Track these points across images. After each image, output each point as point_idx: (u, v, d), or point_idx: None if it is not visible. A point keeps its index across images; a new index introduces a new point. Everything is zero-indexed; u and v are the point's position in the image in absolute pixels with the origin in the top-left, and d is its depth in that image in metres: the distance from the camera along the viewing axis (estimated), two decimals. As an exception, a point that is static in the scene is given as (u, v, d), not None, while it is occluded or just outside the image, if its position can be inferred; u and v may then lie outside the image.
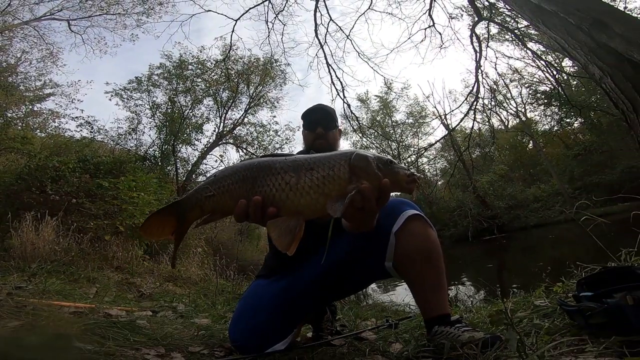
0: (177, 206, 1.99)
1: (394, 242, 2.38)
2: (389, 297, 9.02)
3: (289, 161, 1.88)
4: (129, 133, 23.54)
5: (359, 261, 2.52)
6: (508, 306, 2.93)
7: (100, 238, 9.59)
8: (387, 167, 1.87)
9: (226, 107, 27.07)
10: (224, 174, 1.96)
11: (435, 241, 2.42)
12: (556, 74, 32.30)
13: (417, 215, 2.43)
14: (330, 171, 1.82)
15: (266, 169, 1.87)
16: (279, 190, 1.82)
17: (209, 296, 7.22)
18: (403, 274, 2.43)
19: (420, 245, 2.36)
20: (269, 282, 2.77)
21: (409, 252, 2.36)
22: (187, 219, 1.98)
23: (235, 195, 1.88)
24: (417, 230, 2.39)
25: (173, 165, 23.42)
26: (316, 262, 2.54)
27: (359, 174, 1.82)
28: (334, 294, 2.82)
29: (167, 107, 24.41)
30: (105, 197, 10.67)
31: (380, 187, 1.82)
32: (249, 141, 27.44)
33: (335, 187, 1.79)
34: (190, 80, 25.56)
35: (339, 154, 1.88)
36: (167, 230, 1.99)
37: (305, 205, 1.80)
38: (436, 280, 2.35)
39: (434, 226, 2.50)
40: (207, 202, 1.94)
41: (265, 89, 28.45)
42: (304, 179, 1.81)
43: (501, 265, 17.13)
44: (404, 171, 1.89)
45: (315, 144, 3.12)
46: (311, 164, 1.85)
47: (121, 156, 15.25)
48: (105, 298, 5.35)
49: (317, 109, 3.23)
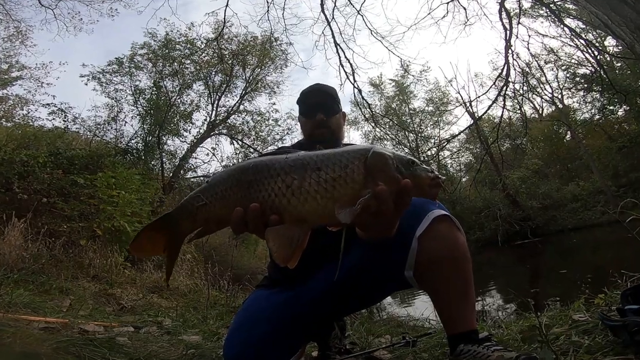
0: (167, 219, 1.97)
1: (416, 248, 2.32)
2: (406, 311, 9.02)
3: (291, 160, 1.82)
4: (108, 122, 23.38)
5: (375, 271, 2.47)
6: (543, 321, 2.92)
7: (75, 243, 9.61)
8: (408, 169, 1.81)
9: (219, 93, 27.12)
10: (217, 179, 1.94)
11: (464, 246, 2.39)
12: (598, 55, 32.00)
13: (444, 217, 2.38)
14: (342, 172, 1.74)
15: (264, 171, 1.82)
16: (279, 195, 1.76)
17: (200, 310, 7.23)
18: (425, 284, 2.41)
19: (447, 251, 2.32)
20: (271, 292, 2.75)
21: (433, 258, 2.31)
22: (179, 233, 1.96)
23: (230, 203, 1.84)
24: (443, 234, 2.35)
25: (158, 159, 23.25)
26: (324, 272, 2.52)
27: (376, 176, 1.75)
28: (343, 309, 2.80)
29: (152, 93, 24.20)
30: (80, 195, 10.71)
31: (399, 189, 1.75)
32: (245, 132, 27.48)
33: (348, 191, 1.73)
34: (178, 62, 25.46)
35: (352, 151, 1.82)
36: (158, 246, 1.98)
37: (311, 212, 1.74)
38: (463, 291, 2.32)
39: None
40: (200, 213, 1.90)
41: (263, 72, 28.49)
42: (309, 180, 1.74)
43: (535, 274, 17.07)
44: (426, 173, 1.83)
45: (315, 134, 3.03)
46: (318, 163, 1.78)
47: (99, 149, 15.33)
48: (81, 312, 5.37)
49: (315, 91, 3.15)
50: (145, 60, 25.00)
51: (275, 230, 1.74)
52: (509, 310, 8.78)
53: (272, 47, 27.28)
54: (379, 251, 2.36)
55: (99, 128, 23.22)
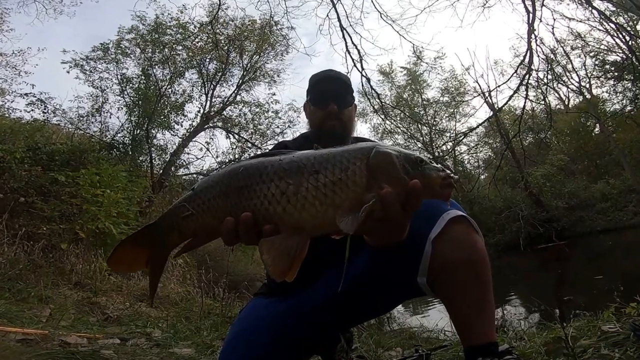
0: (150, 231, 1.95)
1: (430, 252, 2.28)
2: (418, 321, 9.01)
3: (286, 163, 1.78)
4: (92, 114, 23.39)
5: (384, 277, 2.45)
6: (569, 332, 2.92)
7: (55, 247, 9.61)
8: (415, 168, 1.75)
9: (214, 82, 27.16)
10: (203, 185, 1.91)
11: (483, 250, 2.34)
12: (629, 40, 31.91)
13: (461, 218, 2.34)
14: (342, 175, 1.70)
15: (255, 175, 1.78)
16: (273, 203, 1.72)
17: (192, 320, 7.24)
18: (440, 292, 2.36)
19: (463, 256, 2.27)
20: (271, 301, 2.74)
21: (448, 263, 2.27)
22: (163, 246, 1.94)
23: (219, 212, 1.81)
24: (460, 237, 2.31)
25: (147, 154, 23.19)
26: (327, 279, 2.52)
27: (380, 177, 1.71)
28: (350, 319, 2.79)
29: (140, 82, 24.22)
30: (61, 194, 10.71)
31: (407, 191, 1.71)
32: (243, 124, 27.52)
33: (350, 196, 1.68)
34: (169, 48, 25.45)
35: (352, 151, 1.77)
36: (140, 261, 1.96)
37: (309, 220, 1.70)
38: (481, 300, 2.28)
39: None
40: (186, 224, 1.88)
41: (262, 59, 28.56)
42: (306, 185, 1.70)
43: (560, 281, 17.08)
44: (437, 173, 1.76)
45: (325, 126, 2.99)
46: (316, 165, 1.73)
47: (82, 143, 15.32)
48: (62, 322, 5.38)
49: (329, 78, 3.12)
50: (133, 46, 24.98)
51: (269, 241, 1.71)
52: (531, 320, 8.77)
53: (272, 32, 27.29)
54: (388, 256, 2.33)
55: (82, 120, 23.26)
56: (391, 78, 47.41)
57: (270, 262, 1.68)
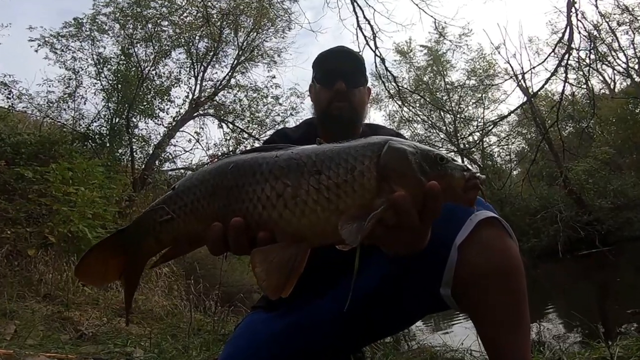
0: (122, 237, 1.92)
1: (456, 259, 2.22)
2: (441, 339, 8.97)
3: (283, 160, 1.74)
4: (64, 100, 23.47)
5: (401, 289, 2.41)
6: (615, 352, 2.91)
7: (21, 253, 9.63)
8: (434, 167, 1.69)
9: (204, 63, 27.21)
10: (186, 184, 1.87)
11: (517, 258, 2.28)
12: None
13: (492, 219, 2.27)
14: (347, 176, 1.64)
15: (247, 174, 1.74)
16: (267, 207, 1.67)
17: (180, 338, 7.24)
18: (466, 305, 2.31)
19: (495, 264, 2.21)
20: (270, 317, 2.73)
21: (477, 273, 2.20)
22: (138, 255, 1.90)
23: (205, 217, 1.77)
24: (490, 242, 2.24)
25: (127, 146, 23.21)
26: (336, 292, 2.49)
27: (392, 179, 1.64)
28: (361, 337, 2.77)
29: (120, 63, 24.23)
30: (28, 193, 10.73)
31: (424, 195, 1.65)
32: (238, 112, 27.55)
33: (356, 201, 1.63)
34: (153, 23, 25.28)
35: (360, 147, 1.72)
36: (112, 272, 1.92)
37: (309, 228, 1.65)
38: (515, 315, 2.22)
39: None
40: (165, 230, 1.83)
41: (260, 36, 28.59)
42: (306, 187, 1.65)
43: (605, 293, 17.07)
44: (460, 172, 1.71)
45: (331, 108, 2.98)
46: (317, 164, 1.68)
47: (52, 134, 15.36)
48: (29, 340, 5.39)
49: (337, 53, 3.11)
50: (111, 22, 24.88)
51: (263, 251, 1.66)
52: (571, 338, 8.78)
53: (272, 5, 27.28)
54: (406, 264, 2.27)
55: (52, 107, 23.34)
56: (409, 58, 47.33)
57: (263, 276, 1.62)
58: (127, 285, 1.95)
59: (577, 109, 35.49)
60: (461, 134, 44.85)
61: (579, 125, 39.63)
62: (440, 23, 34.23)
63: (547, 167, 35.85)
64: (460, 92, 46.81)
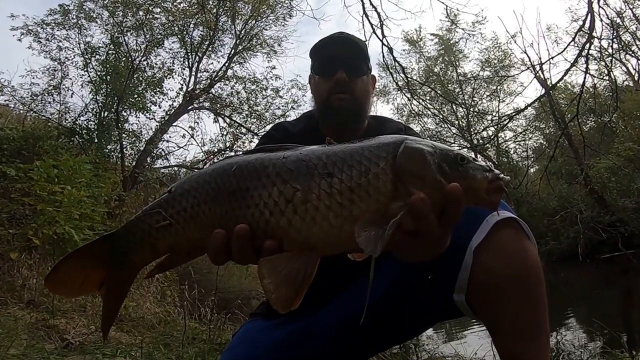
0: (108, 244, 1.82)
1: (471, 263, 2.18)
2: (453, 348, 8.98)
3: (291, 161, 1.68)
4: (49, 92, 23.36)
5: (413, 295, 2.40)
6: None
7: (3, 256, 9.63)
8: (455, 168, 1.64)
9: (199, 53, 27.18)
10: (184, 187, 1.81)
11: (536, 262, 2.25)
12: None
13: (510, 220, 2.23)
14: (361, 179, 1.58)
15: (252, 177, 1.68)
16: (275, 213, 1.61)
17: (173, 347, 7.25)
18: (481, 312, 2.28)
19: (512, 268, 2.17)
20: (270, 325, 2.72)
21: (494, 278, 2.17)
22: (128, 265, 1.82)
23: (206, 223, 1.71)
24: (507, 244, 2.20)
25: (117, 142, 22.95)
26: (341, 299, 2.49)
27: (410, 182, 1.58)
28: (368, 347, 2.74)
29: (109, 53, 24.14)
30: (10, 192, 10.73)
31: (444, 198, 1.59)
32: (235, 105, 27.52)
33: (371, 206, 1.57)
34: (145, 10, 25.23)
35: (373, 148, 1.66)
36: (90, 283, 1.82)
37: (321, 236, 1.59)
38: (534, 324, 2.19)
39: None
40: (161, 237, 1.76)
41: (260, 24, 28.54)
42: (317, 192, 1.59)
43: (628, 299, 17.06)
44: (482, 173, 1.65)
45: (332, 100, 2.93)
46: (329, 165, 1.62)
47: (36, 129, 15.36)
48: (11, 350, 5.39)
49: (337, 40, 3.05)
50: (99, 8, 24.80)
51: (271, 262, 1.60)
52: (593, 348, 8.76)
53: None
54: (419, 269, 2.25)
55: (36, 100, 23.18)
56: (419, 48, 47.43)
57: (272, 289, 1.57)
58: (110, 300, 1.86)
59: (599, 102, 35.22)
60: (474, 128, 44.92)
61: (601, 120, 39.33)
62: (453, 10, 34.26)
63: (566, 165, 35.84)
64: (474, 84, 46.86)
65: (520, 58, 42.95)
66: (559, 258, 32.64)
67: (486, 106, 47.50)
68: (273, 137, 3.14)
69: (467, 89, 47.02)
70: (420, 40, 46.95)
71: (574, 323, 12.94)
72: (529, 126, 48.30)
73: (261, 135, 4.10)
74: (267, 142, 3.07)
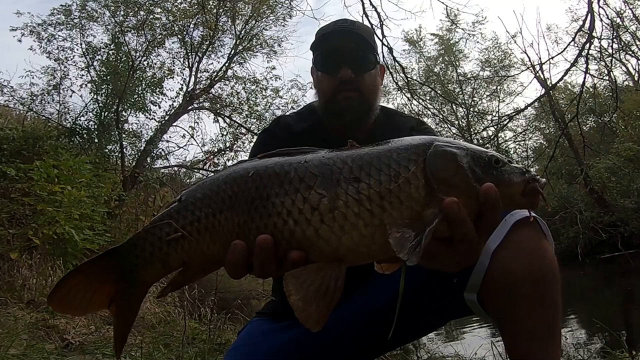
0: (115, 259, 1.72)
1: (487, 263, 2.15)
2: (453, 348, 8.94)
3: (314, 166, 1.59)
4: (49, 92, 23.33)
5: (425, 296, 2.36)
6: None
7: (4, 256, 9.61)
8: (489, 171, 1.58)
9: (199, 53, 27.15)
10: (196, 195, 1.71)
11: (553, 262, 2.23)
12: None
13: (528, 219, 2.15)
14: (391, 184, 1.51)
15: (273, 182, 1.59)
16: (300, 222, 1.52)
17: (173, 347, 7.23)
18: (494, 312, 2.25)
19: (530, 270, 2.14)
20: (276, 327, 2.68)
21: (510, 278, 2.14)
22: (136, 282, 1.73)
23: (222, 235, 1.62)
24: (525, 243, 2.18)
25: (117, 142, 22.87)
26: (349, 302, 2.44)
27: (442, 186, 1.51)
28: (374, 349, 2.72)
29: (109, 53, 24.13)
30: (10, 192, 10.71)
31: (482, 202, 1.53)
32: (235, 105, 27.46)
33: (403, 214, 1.49)
34: (145, 10, 25.20)
35: (402, 149, 1.59)
36: (99, 300, 1.73)
37: (350, 247, 1.51)
38: (548, 325, 2.15)
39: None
40: (173, 251, 1.66)
41: (260, 24, 28.50)
42: (344, 198, 1.50)
43: (628, 299, 17.01)
44: (518, 176, 1.60)
45: (338, 99, 2.79)
46: (354, 170, 1.54)
47: (36, 129, 15.35)
48: (11, 350, 5.38)
49: (344, 32, 2.87)
50: (101, 8, 24.69)
51: (299, 276, 1.52)
52: (592, 348, 8.73)
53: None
54: (445, 274, 2.08)
55: (36, 100, 23.13)
56: (419, 48, 47.43)
57: (302, 306, 1.49)
58: (121, 318, 1.77)
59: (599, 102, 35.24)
60: (474, 128, 44.87)
61: (601, 120, 39.39)
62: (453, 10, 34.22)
63: (566, 165, 35.81)
64: (474, 84, 46.89)
65: (520, 58, 43.05)
66: (559, 258, 32.35)
67: (486, 106, 47.58)
68: (274, 134, 3.04)
69: (467, 89, 47.06)
70: (420, 40, 47.02)
71: (573, 323, 12.89)
72: (528, 126, 48.38)
73: (260, 131, 3.91)
74: (268, 139, 3.01)
